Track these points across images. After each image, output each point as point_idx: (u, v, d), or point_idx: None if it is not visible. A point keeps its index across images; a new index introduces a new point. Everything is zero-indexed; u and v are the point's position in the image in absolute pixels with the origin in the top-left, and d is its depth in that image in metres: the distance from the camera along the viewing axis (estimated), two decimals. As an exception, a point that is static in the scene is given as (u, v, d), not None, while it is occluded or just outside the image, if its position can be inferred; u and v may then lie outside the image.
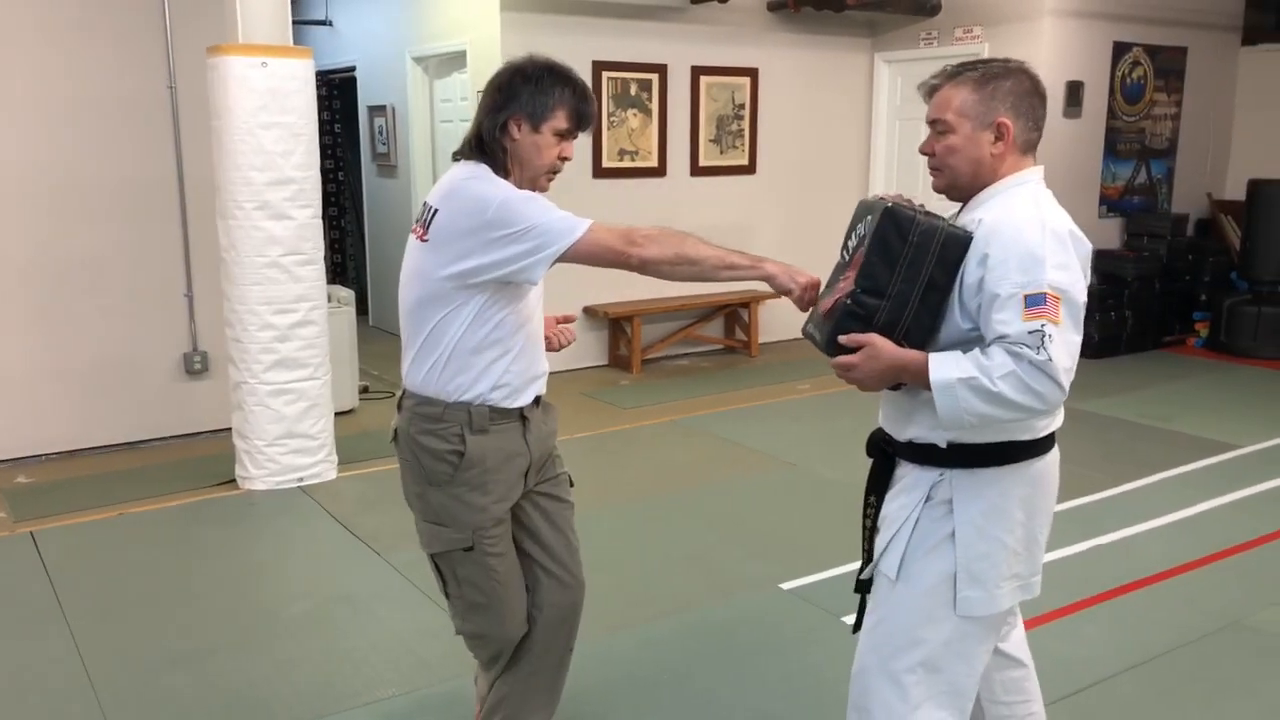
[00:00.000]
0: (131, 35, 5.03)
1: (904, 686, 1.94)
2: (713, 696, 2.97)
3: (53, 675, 3.09)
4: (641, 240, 2.13)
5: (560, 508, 2.48)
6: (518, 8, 6.44)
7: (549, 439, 2.41)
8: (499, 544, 2.33)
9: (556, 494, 2.47)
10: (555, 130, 2.21)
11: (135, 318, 5.21)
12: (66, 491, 4.66)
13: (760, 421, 5.80)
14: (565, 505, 2.49)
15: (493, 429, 2.25)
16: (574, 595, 2.50)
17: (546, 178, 2.27)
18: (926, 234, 1.85)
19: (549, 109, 2.20)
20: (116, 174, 5.07)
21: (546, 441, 2.40)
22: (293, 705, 2.92)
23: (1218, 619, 3.42)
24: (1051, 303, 1.76)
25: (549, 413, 2.42)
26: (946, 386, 1.79)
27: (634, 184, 7.08)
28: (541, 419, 2.37)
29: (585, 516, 4.31)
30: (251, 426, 4.57)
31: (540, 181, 2.26)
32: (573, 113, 2.22)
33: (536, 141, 2.21)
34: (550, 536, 2.45)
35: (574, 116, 2.22)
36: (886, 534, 2.00)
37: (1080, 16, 7.17)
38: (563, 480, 2.50)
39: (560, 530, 2.47)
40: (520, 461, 2.31)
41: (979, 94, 1.90)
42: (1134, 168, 7.78)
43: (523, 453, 2.31)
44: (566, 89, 2.21)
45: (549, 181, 2.28)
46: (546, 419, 2.40)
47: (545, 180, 2.27)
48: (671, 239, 2.15)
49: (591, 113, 2.25)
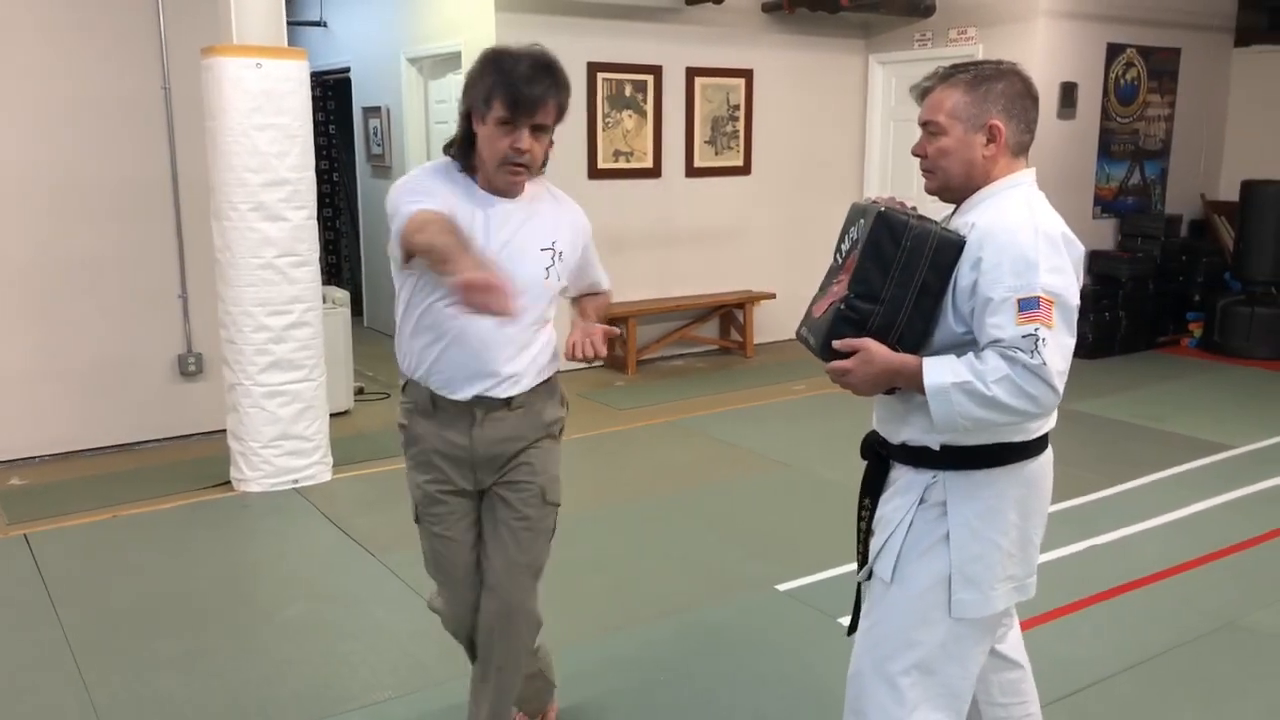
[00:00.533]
0: (125, 36, 5.01)
1: (900, 689, 1.94)
2: (709, 697, 2.97)
3: (47, 678, 3.08)
4: (415, 226, 2.10)
5: (510, 518, 2.36)
6: (512, 8, 6.44)
7: (508, 444, 2.33)
8: (439, 524, 2.38)
9: (512, 503, 2.36)
10: (496, 120, 2.12)
11: (130, 319, 5.20)
12: (61, 493, 4.64)
13: (756, 422, 5.80)
14: (517, 517, 2.36)
15: (438, 414, 2.31)
16: (499, 606, 2.38)
17: (508, 170, 2.18)
18: (920, 238, 1.85)
19: (488, 99, 2.13)
20: (111, 175, 5.05)
21: (503, 445, 2.33)
22: (289, 708, 2.91)
23: (1213, 619, 3.42)
24: (1045, 306, 1.77)
25: (519, 418, 2.33)
26: (941, 391, 1.79)
27: (629, 185, 7.08)
28: (500, 420, 2.31)
29: (582, 518, 4.34)
30: (246, 428, 4.56)
31: (500, 176, 2.20)
32: (507, 100, 2.09)
33: (485, 133, 2.16)
34: (492, 544, 2.39)
35: (509, 104, 2.09)
36: (881, 536, 2.00)
37: (1074, 18, 7.18)
38: (526, 492, 2.37)
39: (501, 540, 2.37)
40: (460, 454, 2.31)
41: (971, 96, 1.91)
42: (1128, 169, 7.80)
43: (464, 446, 2.31)
44: (499, 76, 2.11)
45: (513, 175, 2.19)
46: (507, 422, 2.32)
47: (505, 174, 2.18)
48: (430, 229, 2.07)
49: (531, 96, 2.09)
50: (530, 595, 2.42)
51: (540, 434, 2.38)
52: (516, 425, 2.34)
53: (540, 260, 2.30)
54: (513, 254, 2.24)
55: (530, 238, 2.29)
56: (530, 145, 2.15)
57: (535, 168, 2.23)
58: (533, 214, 2.30)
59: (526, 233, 2.28)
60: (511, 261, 2.21)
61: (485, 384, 2.28)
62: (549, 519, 2.42)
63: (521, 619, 2.41)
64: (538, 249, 2.30)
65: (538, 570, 2.43)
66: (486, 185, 2.26)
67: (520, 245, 2.27)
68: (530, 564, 2.39)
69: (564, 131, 5.72)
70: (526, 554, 2.38)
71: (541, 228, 2.31)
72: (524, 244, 2.28)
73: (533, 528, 2.38)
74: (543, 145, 2.19)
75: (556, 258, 2.33)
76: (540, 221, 2.31)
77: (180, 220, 5.25)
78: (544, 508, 2.40)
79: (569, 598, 3.60)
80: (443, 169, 2.29)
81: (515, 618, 2.40)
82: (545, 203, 2.35)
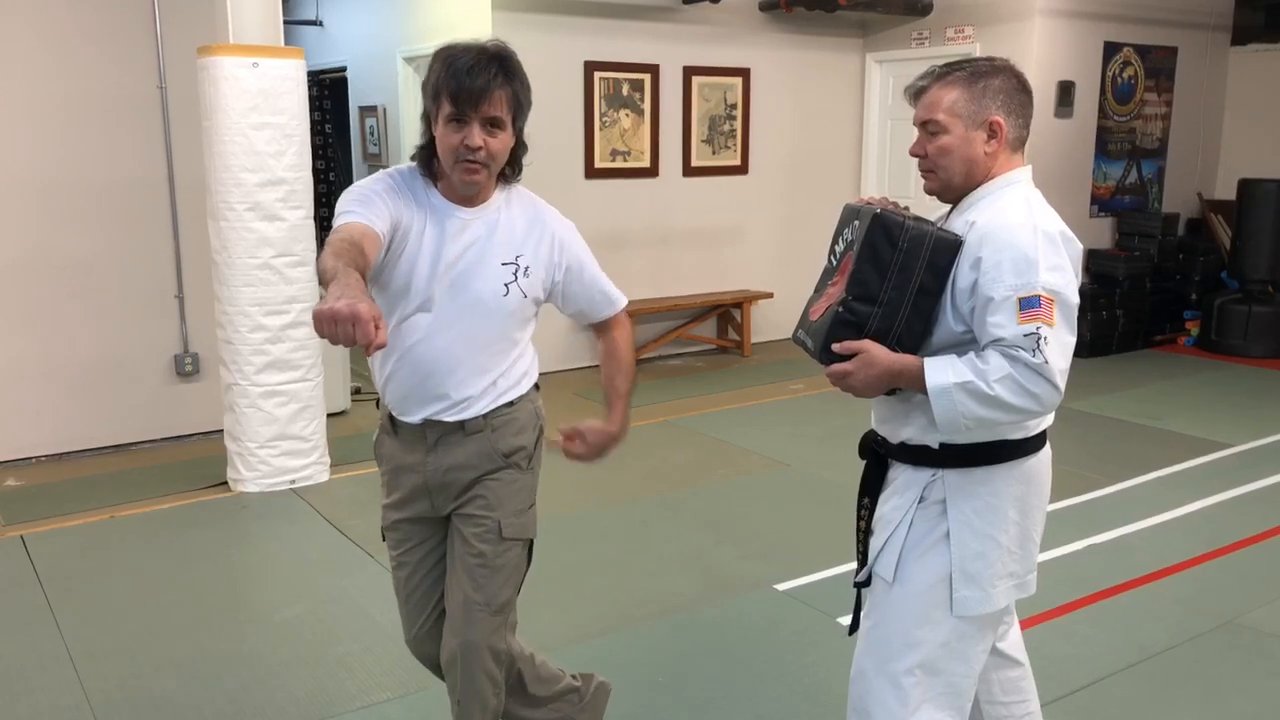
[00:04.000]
0: (121, 35, 5.00)
1: (903, 688, 1.94)
2: (708, 698, 2.96)
3: (44, 679, 3.07)
4: (327, 246, 1.91)
5: (465, 554, 2.23)
6: (509, 7, 6.43)
7: (462, 472, 2.21)
8: (396, 548, 2.32)
9: (467, 538, 2.23)
10: (445, 117, 2.01)
11: (126, 319, 5.19)
12: (57, 494, 4.63)
13: (754, 421, 5.80)
14: (473, 554, 2.22)
15: (397, 434, 2.24)
16: (456, 643, 2.25)
17: (463, 169, 2.04)
18: (916, 239, 1.85)
19: (436, 96, 2.02)
20: (107, 175, 5.04)
21: (456, 473, 2.21)
22: (286, 709, 2.91)
23: (1211, 618, 3.42)
24: (1045, 305, 1.77)
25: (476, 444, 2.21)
26: (943, 391, 1.79)
27: (626, 184, 7.07)
28: (453, 445, 2.20)
29: (580, 518, 4.34)
30: (243, 428, 4.55)
31: (456, 175, 2.06)
32: (451, 94, 1.97)
33: (439, 133, 2.04)
34: (450, 579, 2.28)
35: (453, 98, 1.97)
36: (881, 536, 2.00)
37: (1071, 16, 7.19)
38: (480, 527, 2.23)
39: (458, 576, 2.24)
40: (414, 478, 2.23)
41: (970, 93, 1.90)
42: (1125, 167, 7.80)
43: (418, 469, 2.22)
44: (444, 71, 1.99)
45: (468, 173, 2.04)
46: (462, 449, 2.20)
47: (461, 172, 2.04)
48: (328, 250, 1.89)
49: (474, 88, 1.96)
50: (490, 633, 2.26)
51: (498, 464, 2.23)
52: (471, 453, 2.20)
53: (499, 276, 2.14)
54: (467, 267, 2.12)
55: (490, 250, 2.14)
56: (483, 141, 2.00)
57: (495, 166, 2.08)
58: (497, 225, 2.15)
59: (486, 245, 2.13)
60: (464, 275, 2.11)
61: (435, 407, 2.17)
62: (507, 555, 2.25)
63: (477, 656, 2.26)
64: (497, 263, 2.14)
65: (499, 607, 2.25)
66: (449, 193, 2.13)
67: (475, 258, 2.12)
68: (487, 602, 2.23)
69: (561, 131, 5.77)
70: (481, 592, 2.23)
71: (506, 240, 2.15)
72: (480, 257, 2.13)
73: (488, 564, 2.23)
74: (501, 142, 2.04)
75: (520, 273, 2.16)
76: (505, 233, 2.16)
77: (176, 220, 5.23)
78: (500, 544, 2.23)
79: (568, 598, 3.60)
80: (404, 175, 2.15)
81: (471, 655, 2.26)
82: (516, 213, 2.19)
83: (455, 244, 2.11)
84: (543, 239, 2.21)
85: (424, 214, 2.11)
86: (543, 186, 2.22)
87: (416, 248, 2.10)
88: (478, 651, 2.25)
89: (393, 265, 2.10)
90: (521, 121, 2.09)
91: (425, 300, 2.11)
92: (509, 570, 2.26)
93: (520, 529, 2.27)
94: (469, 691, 2.28)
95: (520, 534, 2.27)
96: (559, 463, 2.47)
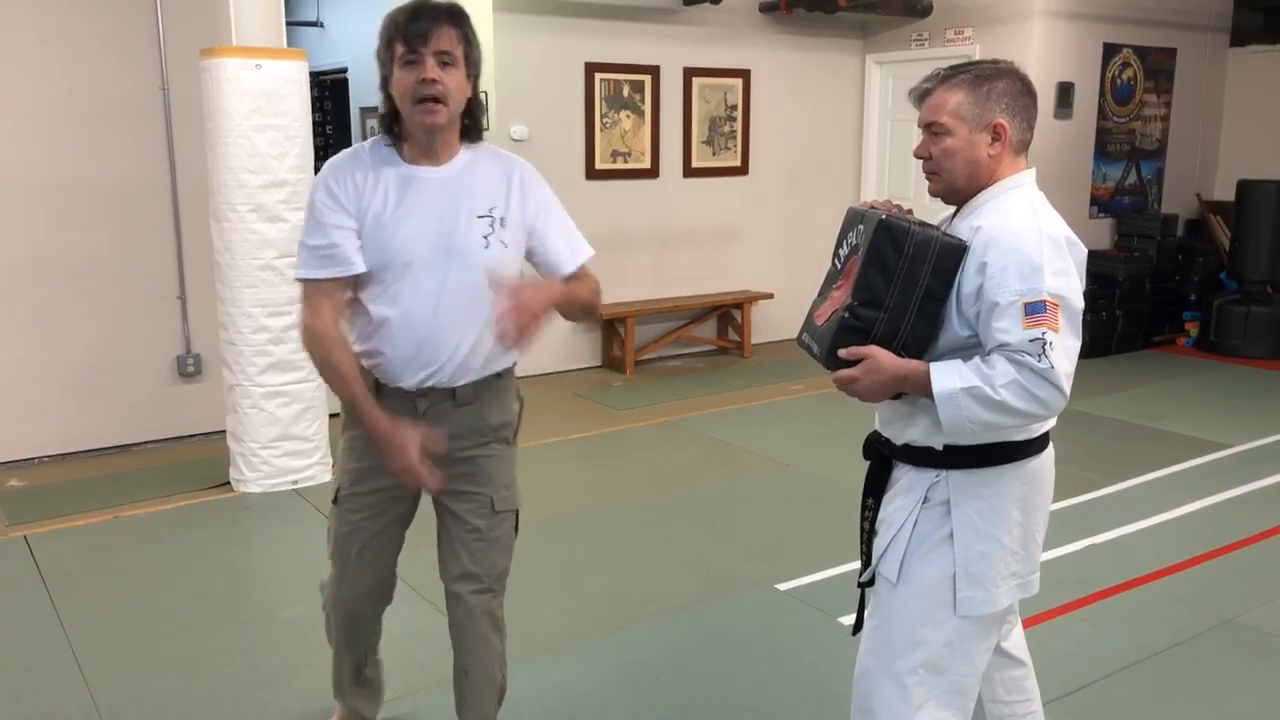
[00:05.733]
0: (124, 37, 5.01)
1: (907, 688, 1.95)
2: (709, 698, 2.97)
3: (49, 679, 3.08)
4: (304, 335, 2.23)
5: (461, 530, 2.33)
6: (510, 9, 6.44)
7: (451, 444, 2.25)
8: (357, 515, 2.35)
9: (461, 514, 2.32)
10: (400, 61, 2.08)
11: (128, 320, 5.20)
12: (60, 495, 4.64)
13: (754, 422, 5.81)
14: (468, 529, 2.32)
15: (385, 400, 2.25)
16: (461, 614, 2.36)
17: (423, 110, 2.08)
18: (922, 244, 1.85)
19: (389, 47, 2.11)
20: (109, 176, 5.05)
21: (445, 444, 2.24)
22: (290, 709, 2.92)
23: (1211, 618, 3.44)
24: (1051, 310, 1.78)
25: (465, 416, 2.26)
26: (950, 397, 1.80)
27: (627, 185, 7.09)
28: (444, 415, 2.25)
29: (581, 518, 4.35)
30: (246, 429, 4.57)
31: (416, 119, 2.10)
32: (401, 36, 2.07)
33: (396, 81, 2.11)
34: (447, 553, 2.36)
35: (404, 39, 2.07)
36: (885, 536, 2.01)
37: (1070, 18, 7.20)
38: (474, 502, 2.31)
39: (455, 552, 2.34)
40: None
41: (974, 95, 1.91)
42: (1124, 168, 7.82)
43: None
44: (391, 24, 2.10)
45: (428, 114, 2.08)
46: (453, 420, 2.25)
47: (421, 114, 2.09)
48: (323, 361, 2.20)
49: (421, 27, 2.05)
50: (490, 601, 2.38)
51: (486, 438, 2.29)
52: (459, 425, 2.25)
53: (477, 229, 2.17)
54: (444, 224, 2.15)
55: (463, 204, 2.17)
56: (438, 74, 2.06)
57: (454, 105, 2.11)
58: (465, 179, 2.19)
59: (458, 200, 2.17)
60: (443, 233, 2.14)
61: (428, 371, 2.20)
62: (501, 527, 2.34)
63: (483, 624, 2.37)
64: (473, 216, 2.17)
65: (498, 577, 2.37)
66: (416, 155, 2.18)
67: (449, 214, 2.16)
68: (485, 573, 2.34)
69: (562, 132, 5.81)
70: (480, 564, 2.33)
71: (478, 192, 2.19)
72: (454, 212, 2.16)
73: (484, 538, 2.32)
74: (455, 80, 2.09)
75: (497, 224, 2.19)
76: (476, 186, 2.19)
77: (179, 221, 5.25)
78: (494, 518, 2.32)
79: (569, 598, 3.61)
80: (363, 152, 2.21)
81: (478, 624, 2.36)
82: (485, 166, 2.23)
83: (428, 204, 2.16)
84: (513, 186, 2.24)
85: (387, 184, 2.16)
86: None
87: (390, 218, 2.14)
88: (481, 619, 2.35)
89: (370, 242, 2.15)
90: (475, 70, 2.15)
91: (408, 264, 2.15)
92: (504, 541, 2.37)
93: (509, 501, 2.36)
94: (476, 660, 2.39)
95: (510, 506, 2.36)
96: (561, 464, 2.48)
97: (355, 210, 2.15)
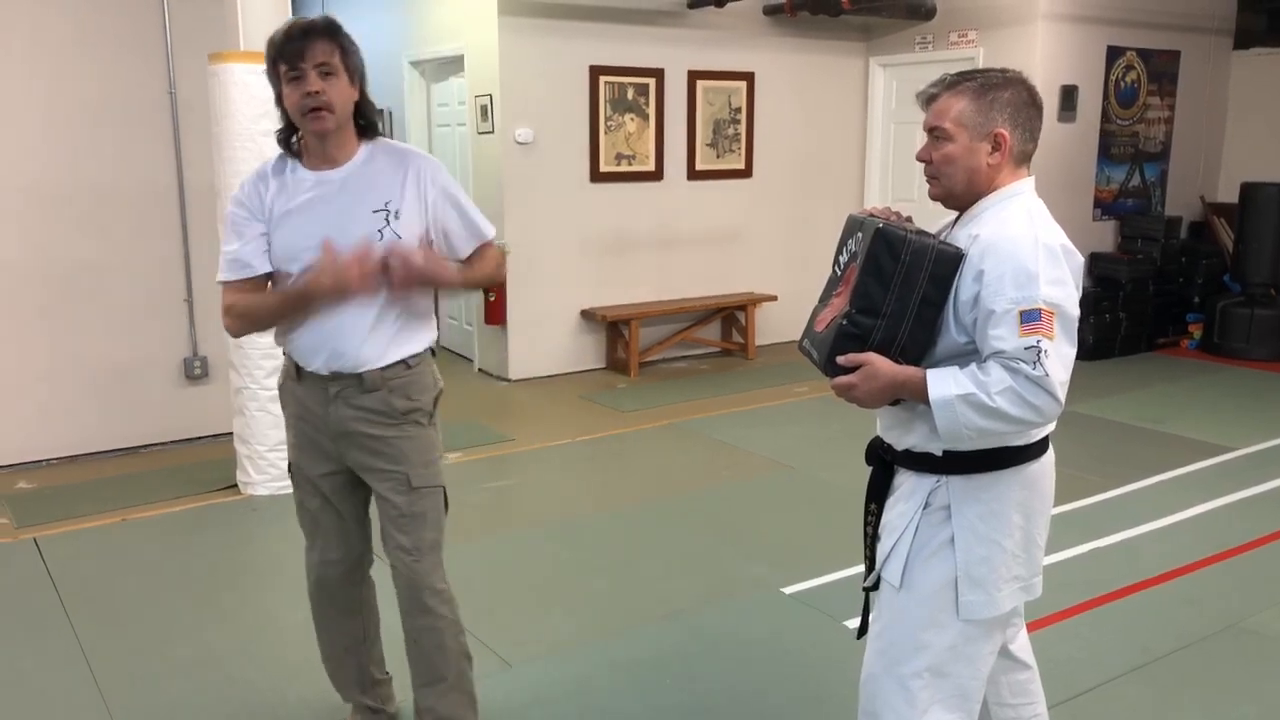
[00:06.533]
0: (132, 41, 5.04)
1: (911, 691, 1.97)
2: (714, 700, 2.99)
3: (60, 681, 3.11)
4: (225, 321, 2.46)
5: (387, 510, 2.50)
6: (515, 12, 6.46)
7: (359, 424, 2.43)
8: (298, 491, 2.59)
9: (383, 493, 2.49)
10: (285, 79, 2.27)
11: (136, 323, 5.22)
12: (69, 497, 4.66)
13: (758, 424, 5.82)
14: (391, 508, 2.49)
15: (303, 381, 2.47)
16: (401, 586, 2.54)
17: (311, 119, 2.28)
18: (919, 252, 1.87)
19: (274, 67, 2.30)
20: (117, 179, 5.08)
21: (354, 425, 2.43)
22: (299, 710, 2.94)
23: (1216, 621, 3.45)
24: (1046, 318, 1.79)
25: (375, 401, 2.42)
26: (945, 403, 1.82)
27: (631, 188, 7.10)
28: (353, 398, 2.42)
29: (585, 521, 4.37)
30: (253, 431, 4.59)
31: (307, 127, 2.31)
32: (281, 56, 2.26)
33: (285, 98, 2.30)
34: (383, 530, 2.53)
35: (285, 58, 2.26)
36: (888, 541, 2.03)
37: (1074, 21, 7.21)
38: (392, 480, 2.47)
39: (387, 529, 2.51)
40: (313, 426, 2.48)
41: (978, 104, 1.92)
42: (1127, 171, 7.83)
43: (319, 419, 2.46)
44: (272, 46, 2.29)
45: (316, 121, 2.28)
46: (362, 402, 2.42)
47: (310, 123, 2.29)
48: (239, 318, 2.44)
49: (295, 45, 2.25)
50: (427, 574, 2.51)
51: (396, 421, 2.44)
52: (368, 409, 2.41)
53: (370, 223, 2.33)
54: (340, 223, 2.32)
55: (359, 202, 2.34)
56: (321, 86, 2.24)
57: (341, 112, 2.29)
58: (363, 177, 2.36)
59: (355, 198, 2.34)
60: (339, 232, 2.30)
61: (336, 360, 2.39)
62: (422, 502, 2.48)
63: (423, 595, 2.52)
64: (368, 211, 2.34)
65: (428, 549, 2.51)
66: (315, 162, 2.37)
67: (346, 213, 2.33)
68: (415, 547, 2.49)
69: (566, 135, 5.85)
70: (409, 537, 2.48)
71: (373, 189, 2.35)
72: (350, 211, 2.33)
73: (405, 513, 2.47)
74: (338, 89, 2.27)
75: (391, 217, 2.34)
76: (371, 183, 2.36)
77: (186, 224, 5.27)
78: (413, 494, 2.46)
79: (574, 600, 3.63)
80: (263, 171, 2.41)
81: (417, 593, 2.52)
82: (382, 163, 2.39)
83: (326, 206, 2.34)
84: (408, 178, 2.39)
85: (289, 189, 2.36)
86: (548, 190, 2.37)
87: (291, 219, 2.35)
88: (421, 590, 2.52)
89: (275, 241, 2.37)
90: (359, 74, 2.34)
91: (308, 260, 2.32)
92: (430, 516, 2.51)
93: (429, 478, 2.49)
94: (423, 630, 2.55)
95: (429, 482, 2.49)
96: (565, 467, 2.51)
97: (262, 216, 2.37)
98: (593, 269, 7.00)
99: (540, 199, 6.68)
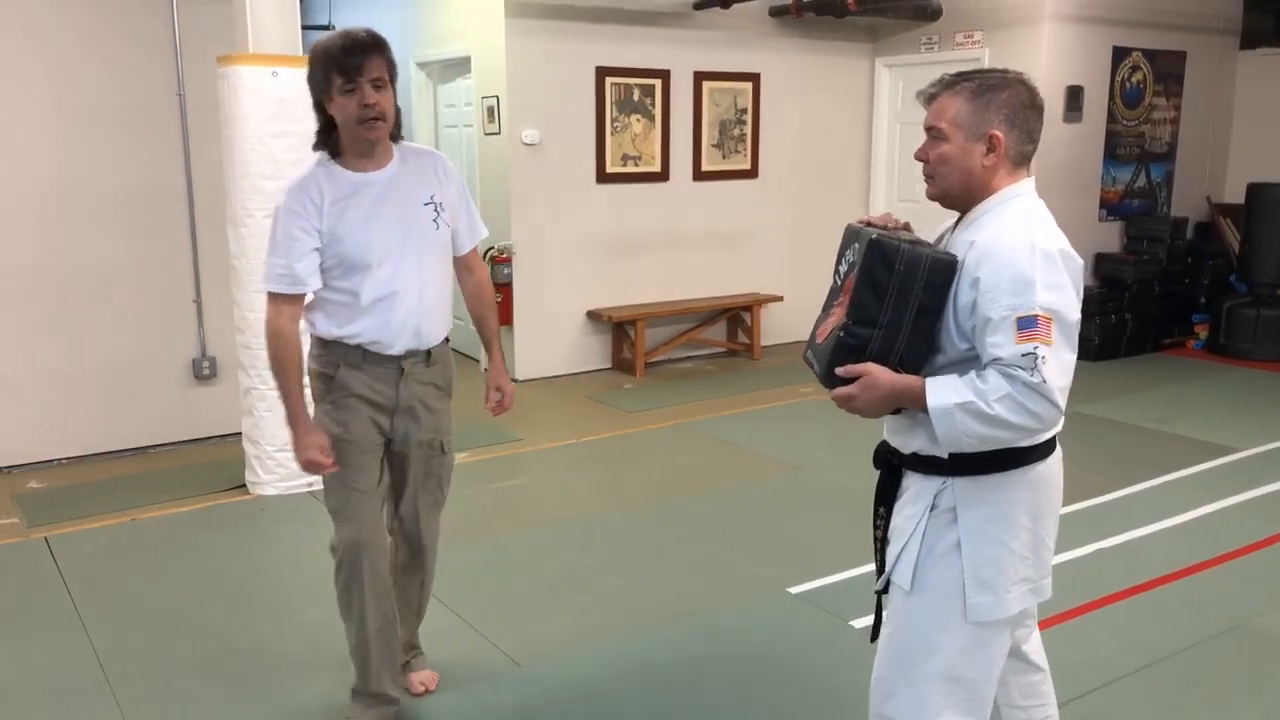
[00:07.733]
0: (141, 44, 5.06)
1: (923, 695, 1.98)
2: (722, 700, 3.00)
3: (72, 679, 3.13)
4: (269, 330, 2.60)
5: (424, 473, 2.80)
6: (521, 14, 6.48)
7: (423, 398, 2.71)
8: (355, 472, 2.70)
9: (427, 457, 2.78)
10: (340, 90, 2.45)
11: (144, 324, 5.25)
12: (78, 497, 4.69)
13: (765, 424, 5.84)
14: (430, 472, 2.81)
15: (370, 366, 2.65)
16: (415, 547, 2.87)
17: (366, 128, 2.47)
18: (913, 262, 1.87)
19: (327, 78, 2.46)
20: (126, 181, 5.10)
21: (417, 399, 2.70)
22: (311, 709, 2.96)
23: (1223, 622, 3.46)
24: (1043, 324, 1.79)
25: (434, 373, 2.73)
26: (944, 412, 1.83)
27: (637, 189, 7.12)
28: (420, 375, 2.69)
29: (593, 521, 4.38)
30: (262, 432, 4.61)
31: (362, 136, 2.49)
32: (339, 70, 2.44)
33: (338, 108, 2.48)
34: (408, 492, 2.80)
35: (342, 72, 2.43)
36: (897, 545, 2.03)
37: (1080, 21, 7.21)
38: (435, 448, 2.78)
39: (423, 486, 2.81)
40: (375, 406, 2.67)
41: (974, 104, 1.92)
42: (1134, 171, 7.83)
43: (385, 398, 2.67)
44: (327, 58, 2.46)
45: (371, 130, 2.48)
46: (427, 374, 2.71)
47: (365, 131, 2.48)
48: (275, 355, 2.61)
49: (356, 58, 2.43)
50: (437, 534, 2.90)
51: (442, 392, 2.75)
52: (429, 382, 2.71)
53: (427, 214, 2.61)
54: (405, 216, 2.57)
55: (411, 197, 2.59)
56: (376, 98, 2.46)
57: (389, 120, 2.51)
58: (405, 176, 2.60)
59: (406, 194, 2.58)
60: (407, 224, 2.56)
61: (412, 340, 2.63)
62: (449, 462, 2.85)
63: (435, 544, 2.90)
64: (420, 204, 2.61)
65: (440, 506, 2.87)
66: (357, 165, 2.55)
67: (406, 207, 2.57)
68: (440, 503, 2.86)
69: (573, 136, 5.88)
70: (439, 494, 2.84)
71: (418, 184, 2.62)
72: (409, 205, 2.58)
73: (441, 475, 2.83)
74: (388, 99, 2.49)
75: (439, 209, 2.64)
76: (415, 180, 2.62)
77: (194, 226, 5.29)
78: (444, 457, 2.81)
79: (583, 601, 3.64)
80: (311, 178, 2.55)
81: (434, 545, 2.89)
82: (414, 162, 2.65)
83: (386, 204, 2.55)
84: (438, 174, 2.68)
85: (341, 198, 2.53)
86: (555, 191, 2.45)
87: (352, 224, 2.52)
88: (432, 550, 2.90)
89: (341, 248, 2.52)
90: (395, 87, 2.55)
91: (383, 256, 2.55)
92: (448, 477, 2.87)
93: (452, 443, 2.85)
94: (430, 573, 2.93)
95: (452, 447, 2.86)
96: (572, 467, 2.54)
97: (318, 224, 2.51)
98: (599, 270, 7.01)
99: (547, 200, 6.70)
